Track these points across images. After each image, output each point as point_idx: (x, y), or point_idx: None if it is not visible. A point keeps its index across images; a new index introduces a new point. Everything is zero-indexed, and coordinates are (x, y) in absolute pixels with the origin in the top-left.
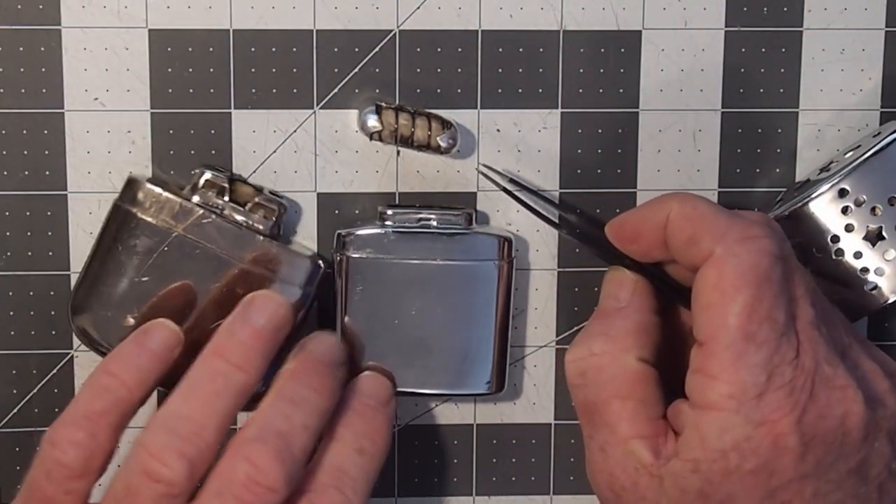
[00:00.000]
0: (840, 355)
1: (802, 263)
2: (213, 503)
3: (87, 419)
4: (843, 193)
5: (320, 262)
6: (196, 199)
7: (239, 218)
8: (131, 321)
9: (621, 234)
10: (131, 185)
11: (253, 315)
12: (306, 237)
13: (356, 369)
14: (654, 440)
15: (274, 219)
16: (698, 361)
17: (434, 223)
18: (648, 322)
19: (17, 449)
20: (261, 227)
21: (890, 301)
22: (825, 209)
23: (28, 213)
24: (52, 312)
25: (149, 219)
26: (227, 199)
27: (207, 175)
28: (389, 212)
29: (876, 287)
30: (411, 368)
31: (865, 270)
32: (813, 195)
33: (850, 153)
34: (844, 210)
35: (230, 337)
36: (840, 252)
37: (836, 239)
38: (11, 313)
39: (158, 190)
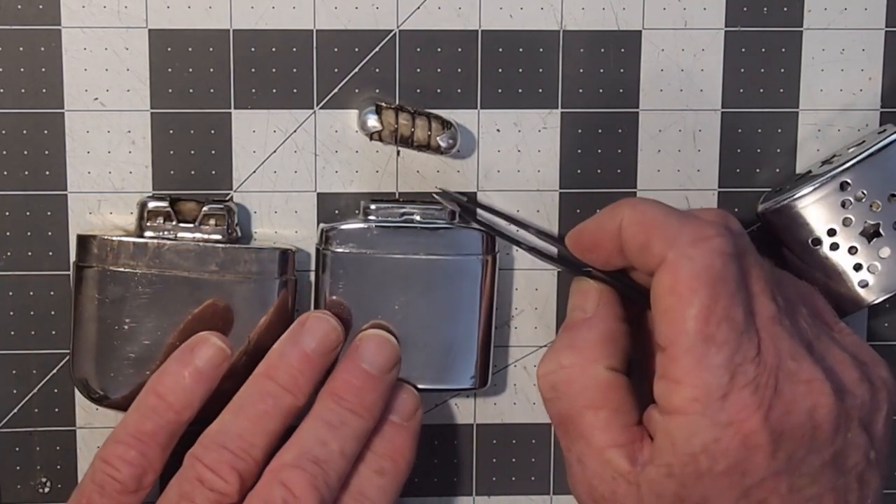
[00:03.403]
0: (806, 347)
1: (797, 256)
2: None
3: (138, 439)
4: (844, 187)
5: (289, 248)
6: (148, 233)
7: (192, 235)
8: (130, 370)
9: (580, 244)
10: (83, 242)
11: (304, 338)
12: (306, 237)
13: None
14: (629, 447)
15: (226, 224)
16: (662, 367)
17: (417, 218)
18: (616, 330)
19: (17, 449)
20: (217, 236)
21: (878, 300)
22: (825, 201)
23: (28, 213)
24: (52, 312)
25: (110, 268)
26: (174, 221)
27: (149, 205)
28: (373, 206)
29: (866, 284)
30: None
31: (858, 267)
32: (815, 186)
33: (854, 148)
34: (844, 203)
35: (280, 359)
36: (835, 246)
37: (832, 232)
38: (11, 313)
39: (108, 237)
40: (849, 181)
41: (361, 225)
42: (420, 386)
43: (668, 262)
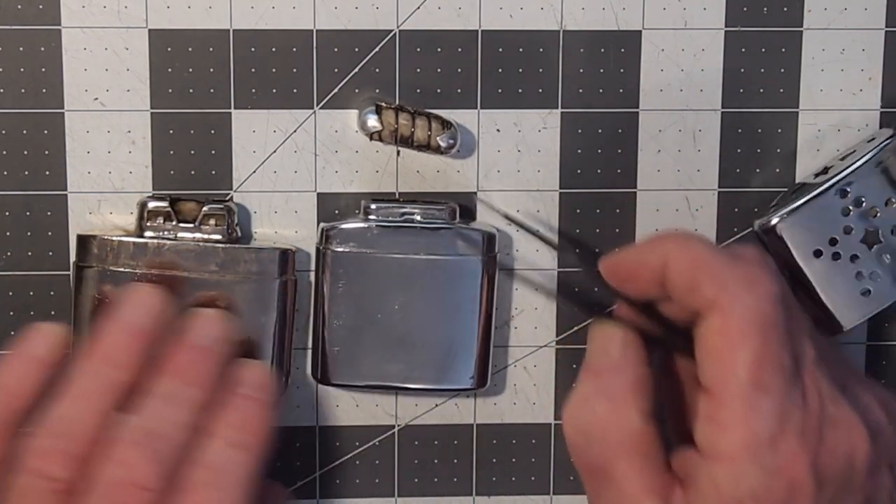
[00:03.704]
0: (840, 389)
1: (798, 270)
2: None
3: None
4: (843, 194)
5: (289, 248)
6: (148, 233)
7: (193, 235)
8: None
9: (617, 274)
10: (83, 242)
11: (126, 314)
12: (306, 237)
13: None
14: (663, 493)
15: (226, 224)
16: (708, 410)
17: (418, 217)
18: (644, 375)
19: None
20: (217, 236)
21: (881, 308)
22: (826, 210)
23: (28, 213)
24: (52, 312)
25: (110, 268)
26: (174, 221)
27: (149, 205)
28: (373, 206)
29: (869, 293)
30: (394, 363)
31: (860, 275)
32: (814, 194)
33: (848, 157)
34: (844, 211)
35: (106, 338)
36: (837, 255)
37: (833, 241)
38: (11, 313)
39: (108, 237)
40: (848, 189)
41: (362, 224)
42: (419, 386)
43: (720, 305)
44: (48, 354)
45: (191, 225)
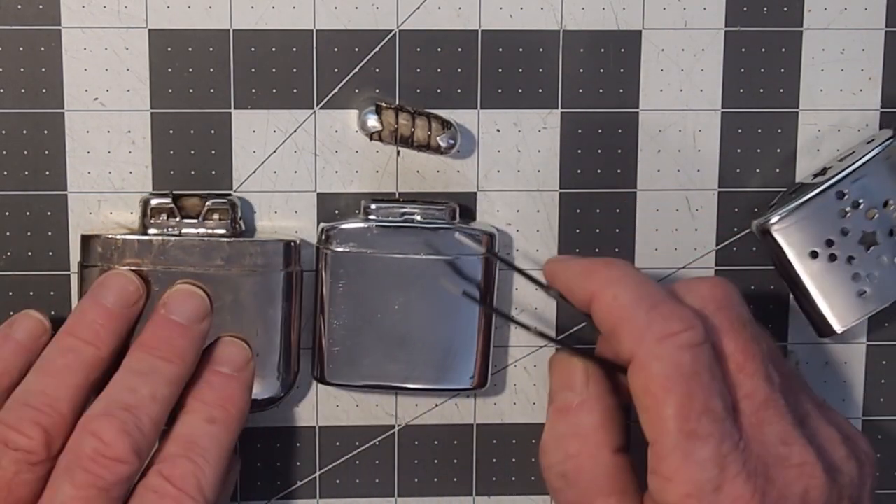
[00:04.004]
0: (799, 424)
1: (793, 271)
2: (63, 478)
3: None
4: (841, 196)
5: (293, 240)
6: (152, 230)
7: (196, 231)
8: None
9: (553, 284)
10: (87, 242)
11: (102, 293)
12: (306, 237)
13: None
14: None
15: (230, 218)
16: (653, 462)
17: (418, 217)
18: (612, 408)
19: None
20: (221, 230)
21: (877, 310)
22: (823, 211)
23: (28, 213)
24: (52, 312)
25: (115, 266)
26: (178, 218)
27: (152, 202)
28: (373, 206)
29: (865, 293)
30: (394, 363)
31: (857, 276)
32: (812, 195)
33: (846, 158)
34: (842, 213)
35: (80, 314)
36: (833, 257)
37: (830, 242)
38: (11, 313)
39: (112, 236)
40: (846, 190)
41: (362, 224)
42: (419, 386)
43: (638, 362)
44: (29, 339)
45: (194, 220)
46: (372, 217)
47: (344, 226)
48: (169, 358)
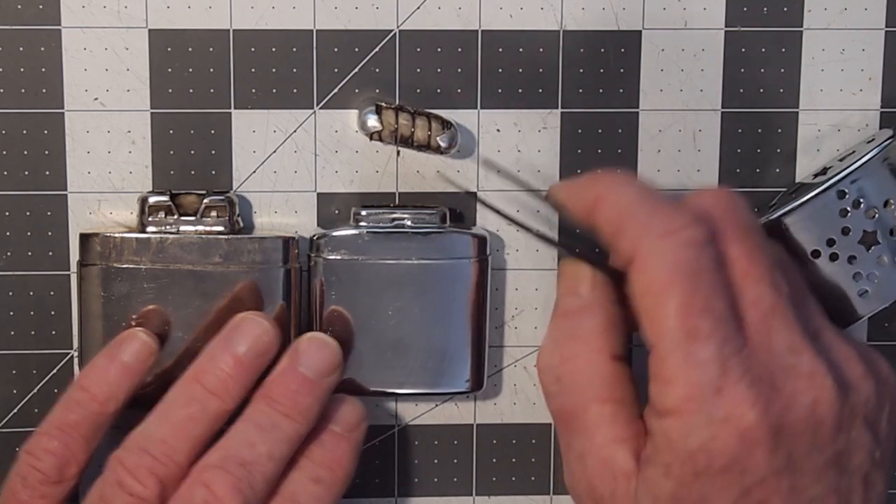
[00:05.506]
0: (811, 337)
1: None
2: None
3: (61, 430)
4: (842, 195)
5: (292, 236)
6: (150, 228)
7: (195, 228)
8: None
9: (557, 204)
10: (85, 240)
11: (235, 340)
12: (306, 238)
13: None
14: (633, 442)
15: (228, 215)
16: (653, 367)
17: (408, 222)
18: (615, 315)
19: (18, 449)
20: (219, 227)
21: (878, 310)
22: (824, 210)
23: (28, 213)
24: (52, 312)
25: (114, 265)
26: (176, 215)
27: (150, 200)
28: (364, 212)
29: (866, 293)
30: (389, 369)
31: (858, 276)
32: (813, 195)
33: (847, 158)
34: (842, 212)
35: (210, 362)
36: (834, 256)
37: (831, 242)
38: (11, 313)
39: (111, 234)
40: (846, 189)
41: (352, 231)
42: (415, 391)
43: (639, 258)
44: (135, 361)
45: (192, 218)
46: (363, 223)
47: (335, 233)
48: (292, 416)
